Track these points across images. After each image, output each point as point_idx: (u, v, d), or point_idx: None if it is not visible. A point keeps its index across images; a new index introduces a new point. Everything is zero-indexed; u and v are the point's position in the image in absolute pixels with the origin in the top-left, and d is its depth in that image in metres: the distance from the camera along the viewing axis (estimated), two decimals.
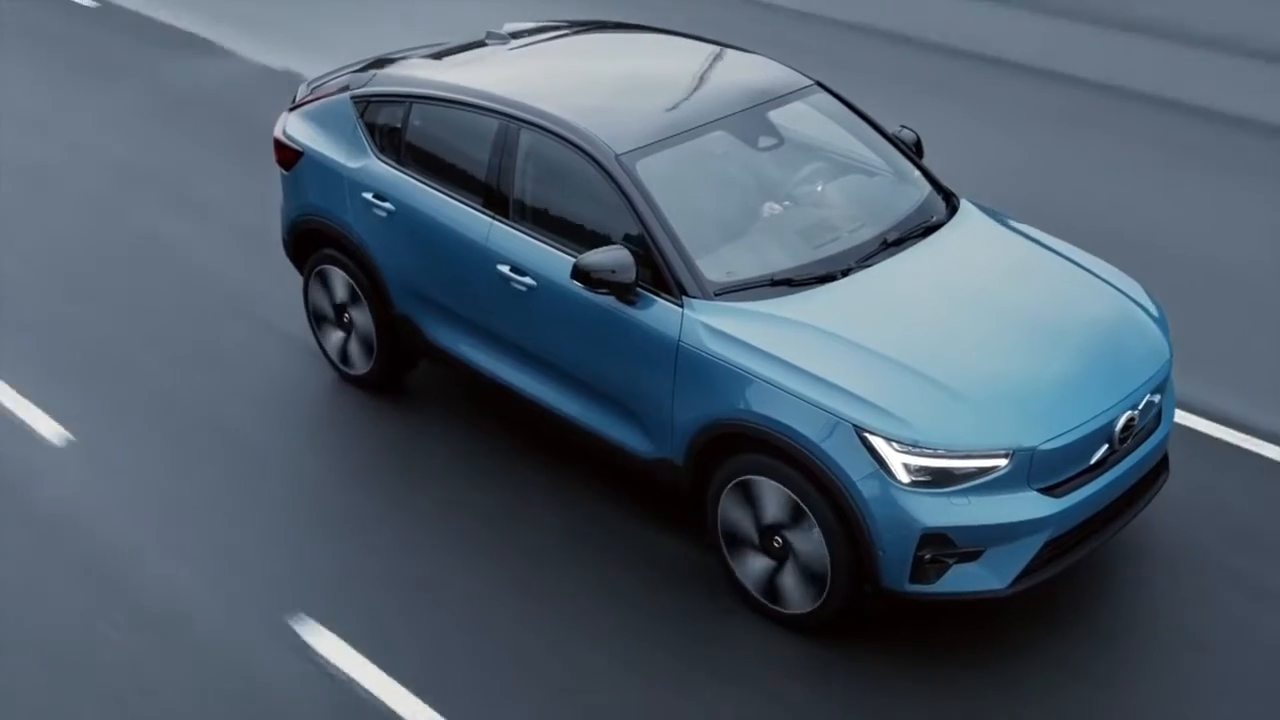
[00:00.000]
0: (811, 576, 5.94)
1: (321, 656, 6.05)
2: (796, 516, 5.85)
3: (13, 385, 7.97)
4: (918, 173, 6.98)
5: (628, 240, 6.24)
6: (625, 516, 6.85)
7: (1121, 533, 6.42)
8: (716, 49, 7.39)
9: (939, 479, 5.58)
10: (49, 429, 7.61)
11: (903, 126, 7.32)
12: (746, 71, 7.10)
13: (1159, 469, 6.37)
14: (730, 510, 6.09)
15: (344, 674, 5.96)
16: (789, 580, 6.04)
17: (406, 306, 7.34)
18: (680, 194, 6.36)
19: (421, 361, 7.73)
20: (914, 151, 7.21)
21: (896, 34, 13.37)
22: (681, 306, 6.09)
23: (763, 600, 6.17)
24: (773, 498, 5.90)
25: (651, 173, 6.35)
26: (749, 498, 5.99)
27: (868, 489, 5.60)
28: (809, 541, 5.86)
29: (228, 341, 8.42)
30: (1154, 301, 6.49)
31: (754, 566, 6.15)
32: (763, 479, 5.90)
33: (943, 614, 6.18)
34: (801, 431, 5.70)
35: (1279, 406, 7.56)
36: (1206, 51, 12.70)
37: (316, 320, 7.97)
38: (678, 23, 8.17)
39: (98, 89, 12.32)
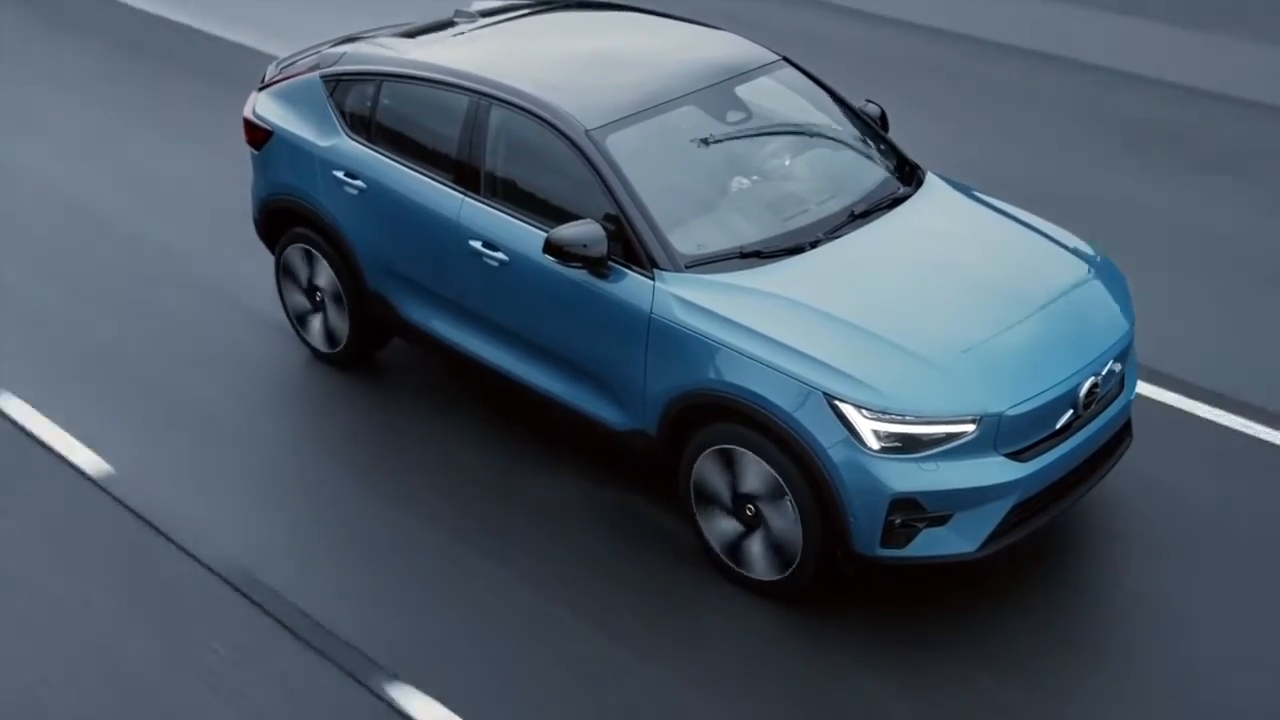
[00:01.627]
0: (779, 548, 6.05)
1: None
2: (772, 489, 5.95)
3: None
4: (884, 146, 7.08)
5: (599, 215, 6.31)
6: (595, 485, 6.93)
7: (1088, 495, 6.56)
8: (685, 25, 7.46)
9: (908, 445, 5.68)
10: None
11: (868, 100, 7.41)
12: (714, 47, 7.17)
13: (1122, 434, 6.50)
14: (706, 472, 6.18)
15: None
16: (756, 548, 6.14)
17: (379, 284, 7.39)
18: (650, 168, 6.43)
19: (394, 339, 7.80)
20: (879, 125, 7.30)
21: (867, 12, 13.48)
22: (653, 279, 6.17)
23: (726, 560, 6.27)
24: (749, 469, 5.99)
25: (621, 147, 6.42)
26: (726, 465, 6.08)
27: (838, 455, 5.70)
28: (782, 515, 5.96)
29: (198, 321, 8.46)
30: (1116, 269, 6.61)
31: (722, 528, 6.25)
32: (740, 449, 5.99)
33: (915, 577, 6.29)
34: (772, 400, 5.79)
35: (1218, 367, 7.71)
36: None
37: (288, 298, 8.01)
38: (650, 3, 8.21)
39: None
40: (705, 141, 6.69)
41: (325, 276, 7.65)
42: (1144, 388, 7.34)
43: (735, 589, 6.28)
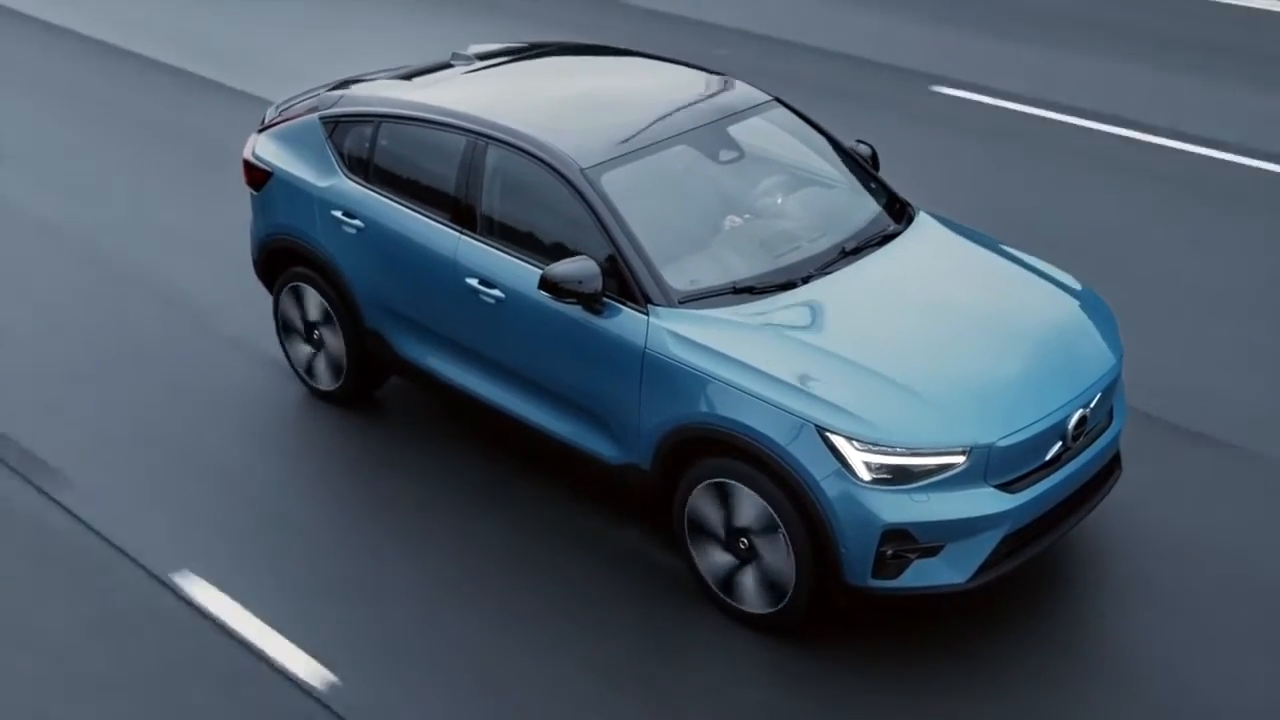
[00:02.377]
0: (772, 584, 6.11)
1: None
2: (765, 523, 6.01)
3: None
4: (874, 184, 7.19)
5: (593, 252, 6.40)
6: (592, 517, 6.99)
7: (1078, 527, 6.62)
8: (679, 68, 7.58)
9: (899, 476, 5.76)
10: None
11: (859, 140, 7.53)
12: (708, 88, 7.29)
13: (1112, 466, 6.57)
14: (700, 506, 6.24)
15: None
16: (749, 581, 6.20)
17: (376, 322, 7.48)
18: (644, 206, 6.54)
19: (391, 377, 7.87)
20: (870, 164, 7.41)
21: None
22: (647, 315, 6.25)
23: (719, 593, 6.33)
24: (743, 503, 6.06)
25: (616, 186, 6.52)
26: (720, 499, 6.15)
27: (830, 487, 5.77)
28: (775, 548, 6.02)
29: (191, 358, 8.53)
30: (1104, 304, 6.70)
31: (716, 561, 6.31)
32: (733, 483, 6.06)
33: (907, 608, 6.35)
34: (764, 433, 5.87)
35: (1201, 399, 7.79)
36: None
37: (286, 337, 8.09)
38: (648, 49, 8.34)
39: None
40: (699, 179, 6.79)
41: (323, 315, 7.74)
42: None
43: (726, 620, 6.33)
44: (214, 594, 6.59)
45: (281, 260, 7.97)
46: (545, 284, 6.29)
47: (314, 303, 7.77)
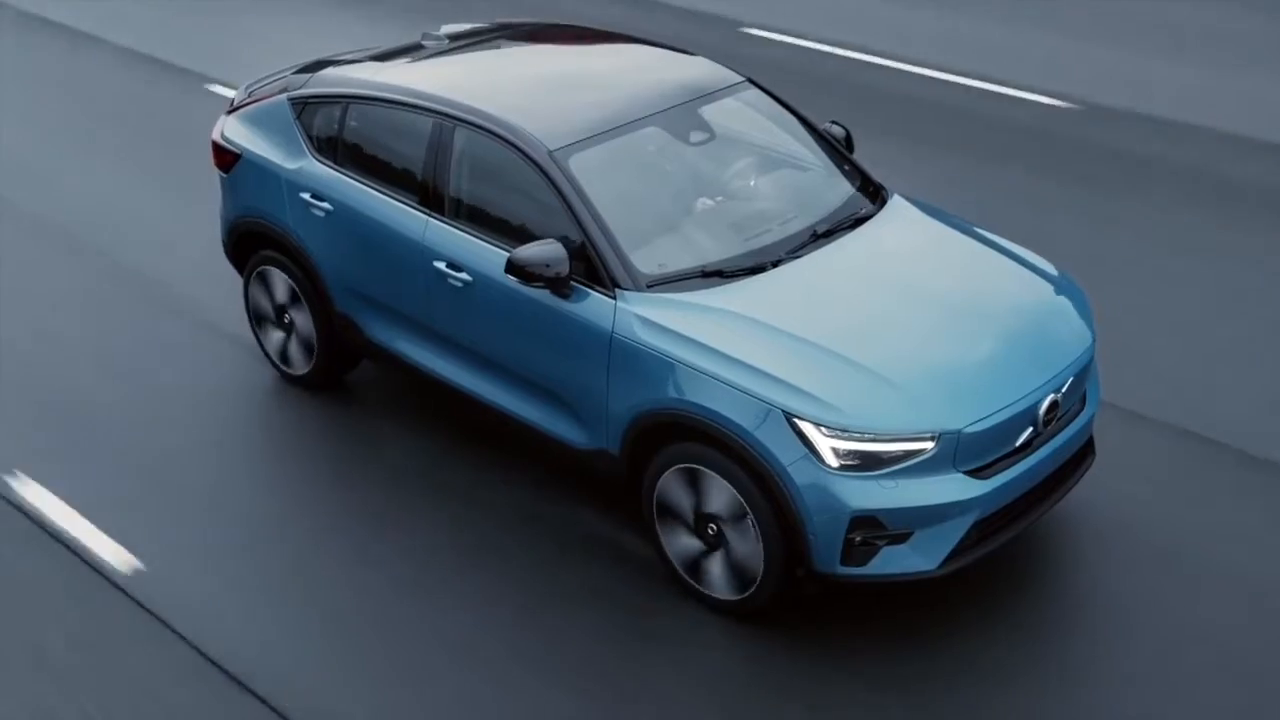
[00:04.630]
0: (739, 571, 6.05)
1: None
2: (733, 509, 5.95)
3: None
4: (847, 166, 7.11)
5: (561, 235, 6.33)
6: (560, 503, 6.94)
7: (1050, 513, 6.57)
8: (650, 48, 7.49)
9: (867, 463, 5.69)
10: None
11: (832, 122, 7.44)
12: (680, 69, 7.20)
13: (1084, 452, 6.51)
14: (668, 491, 6.18)
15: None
16: (717, 568, 6.15)
17: (346, 305, 7.40)
18: (613, 189, 6.46)
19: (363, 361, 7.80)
20: (844, 146, 7.34)
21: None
22: (614, 299, 6.18)
23: (687, 579, 6.28)
24: (711, 488, 6.00)
25: (584, 168, 6.44)
26: (689, 484, 6.08)
27: (798, 473, 5.70)
28: (743, 536, 5.96)
29: (162, 344, 8.46)
30: (1078, 288, 6.63)
31: (684, 546, 6.25)
32: (702, 468, 5.99)
33: (876, 596, 6.30)
34: (732, 418, 5.80)
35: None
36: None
37: (257, 321, 8.02)
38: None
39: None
40: (669, 161, 6.72)
41: (292, 298, 7.66)
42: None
43: (694, 606, 6.28)
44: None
45: (251, 243, 7.88)
46: (512, 268, 6.21)
47: (283, 286, 7.69)
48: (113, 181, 10.70)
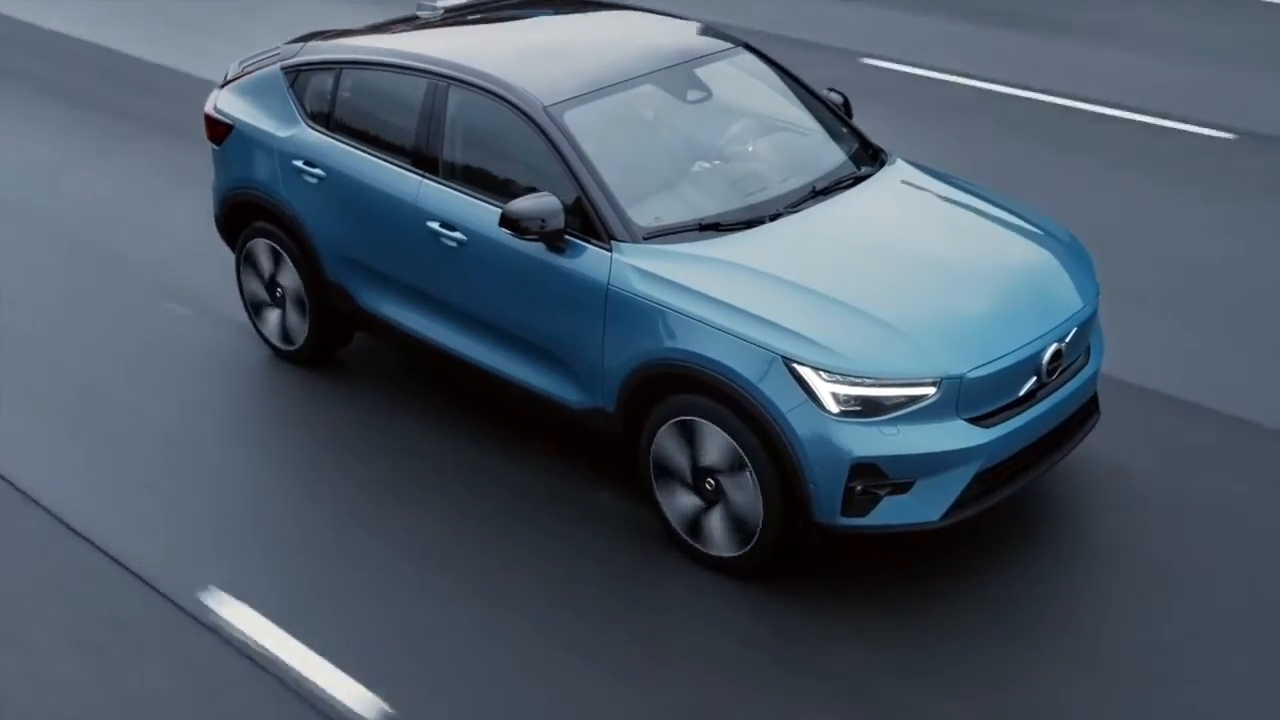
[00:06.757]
0: (739, 524, 5.92)
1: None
2: (732, 461, 5.83)
3: None
4: (846, 129, 7.04)
5: (557, 191, 6.23)
6: (558, 470, 6.81)
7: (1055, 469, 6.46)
8: (648, 16, 7.44)
9: (868, 408, 5.58)
10: None
11: (830, 89, 7.38)
12: (677, 34, 7.15)
13: (1089, 409, 6.40)
14: (665, 447, 6.06)
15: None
16: (716, 523, 6.02)
17: (338, 273, 7.30)
18: (608, 145, 6.38)
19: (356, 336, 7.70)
20: (843, 112, 7.27)
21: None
22: (610, 251, 6.09)
23: (685, 537, 6.15)
24: (708, 440, 5.88)
25: (579, 124, 6.36)
26: (687, 437, 5.96)
27: (797, 420, 5.59)
28: (742, 488, 5.84)
29: (155, 322, 8.37)
30: (1079, 243, 6.54)
31: (682, 504, 6.12)
32: (699, 420, 5.87)
33: (879, 549, 6.16)
34: (730, 366, 5.69)
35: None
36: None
37: (249, 294, 7.92)
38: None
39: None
40: (665, 119, 6.64)
41: (287, 272, 7.56)
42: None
43: (695, 568, 6.14)
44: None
45: (243, 215, 7.79)
46: (506, 221, 6.12)
47: (273, 258, 7.59)
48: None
